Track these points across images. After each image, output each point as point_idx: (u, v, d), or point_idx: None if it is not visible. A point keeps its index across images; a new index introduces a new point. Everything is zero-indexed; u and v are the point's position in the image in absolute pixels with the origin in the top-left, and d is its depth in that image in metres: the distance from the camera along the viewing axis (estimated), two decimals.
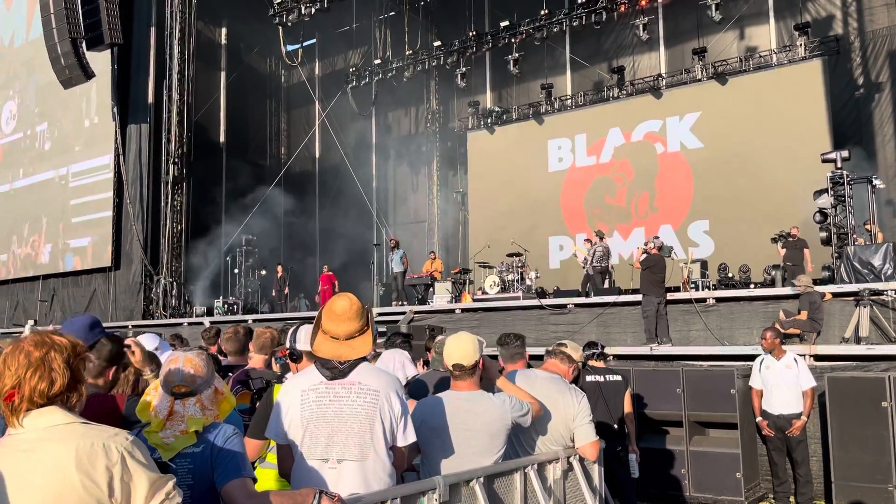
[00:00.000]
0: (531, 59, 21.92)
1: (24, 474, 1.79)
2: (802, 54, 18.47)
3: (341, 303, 3.06)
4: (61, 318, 21.26)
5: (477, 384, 3.56)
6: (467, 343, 3.52)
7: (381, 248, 21.77)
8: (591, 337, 9.47)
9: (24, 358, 1.88)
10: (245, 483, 2.38)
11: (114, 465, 1.80)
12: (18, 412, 1.87)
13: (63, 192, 23.19)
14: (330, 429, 2.90)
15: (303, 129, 27.14)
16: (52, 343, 1.92)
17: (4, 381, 1.88)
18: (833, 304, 10.80)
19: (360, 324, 3.04)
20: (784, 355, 7.59)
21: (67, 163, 23.24)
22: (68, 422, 1.87)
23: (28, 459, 1.80)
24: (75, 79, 18.49)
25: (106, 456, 1.80)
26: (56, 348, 1.92)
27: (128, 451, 1.84)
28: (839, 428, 7.16)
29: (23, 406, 1.86)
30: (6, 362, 1.89)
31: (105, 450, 1.81)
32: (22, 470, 1.79)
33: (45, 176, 24.12)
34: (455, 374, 3.52)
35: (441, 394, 3.56)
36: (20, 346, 1.91)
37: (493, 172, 23.08)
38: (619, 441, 6.00)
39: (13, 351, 1.91)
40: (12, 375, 1.87)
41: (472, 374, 3.52)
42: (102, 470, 1.79)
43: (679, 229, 19.71)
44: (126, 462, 1.82)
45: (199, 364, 2.56)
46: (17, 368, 1.87)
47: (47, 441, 1.82)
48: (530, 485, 3.64)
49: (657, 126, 20.61)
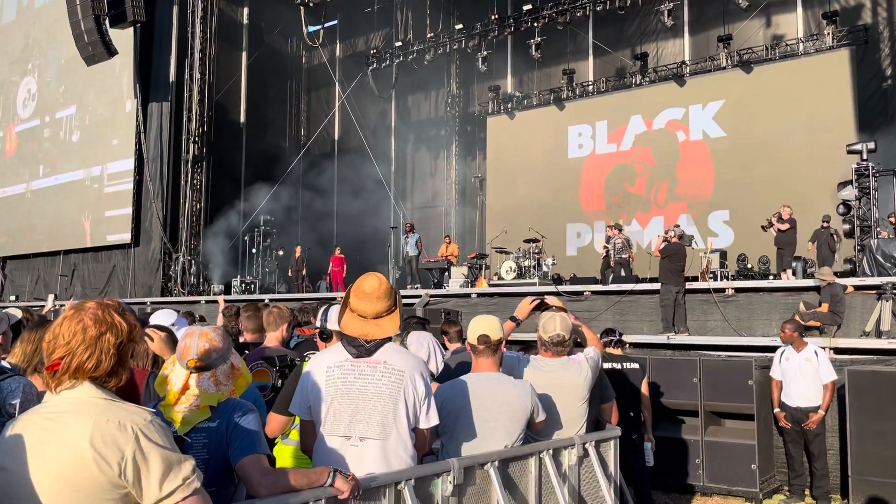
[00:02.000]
0: (553, 44, 21.70)
1: (42, 443, 1.79)
2: (830, 43, 18.15)
3: (370, 282, 3.06)
4: (81, 294, 21.53)
5: (498, 365, 3.56)
6: (493, 319, 3.57)
7: (398, 231, 21.76)
8: (607, 324, 9.42)
9: (81, 333, 1.86)
10: (259, 459, 2.38)
11: (126, 444, 1.77)
12: (59, 382, 1.86)
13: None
14: (353, 406, 2.90)
15: (322, 110, 27.12)
16: (112, 323, 1.90)
17: (54, 349, 1.86)
18: (855, 297, 10.66)
19: (388, 303, 3.04)
20: (804, 347, 7.50)
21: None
22: (93, 396, 1.85)
23: (47, 428, 1.80)
24: (98, 56, 18.58)
25: (121, 434, 1.78)
26: (113, 330, 1.89)
27: (143, 430, 1.80)
28: (858, 422, 7.08)
29: (64, 378, 1.85)
30: (61, 330, 1.87)
31: (120, 427, 1.78)
32: (41, 438, 1.80)
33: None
34: (479, 350, 3.52)
35: (463, 376, 3.55)
36: (80, 318, 1.88)
37: (512, 158, 22.96)
38: (635, 429, 5.97)
39: (71, 320, 1.88)
40: (64, 346, 1.85)
41: (494, 351, 3.53)
42: (115, 448, 1.76)
43: (699, 219, 19.52)
44: (140, 441, 1.78)
45: (215, 338, 2.56)
46: (70, 340, 1.85)
47: (68, 413, 1.82)
48: (545, 469, 3.63)
49: (679, 114, 20.38)
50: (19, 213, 25.03)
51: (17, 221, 25.02)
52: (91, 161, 22.61)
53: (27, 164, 25.14)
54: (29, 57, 25.36)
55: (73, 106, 23.53)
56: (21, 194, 25.03)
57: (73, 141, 23.58)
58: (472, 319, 3.63)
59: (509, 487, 3.41)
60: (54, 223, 23.53)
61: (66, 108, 23.81)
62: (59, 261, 23.31)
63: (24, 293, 24.05)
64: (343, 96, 25.02)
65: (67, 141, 23.72)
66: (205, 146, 20.96)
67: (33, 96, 25.27)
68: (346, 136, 26.90)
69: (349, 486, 2.48)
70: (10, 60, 26.38)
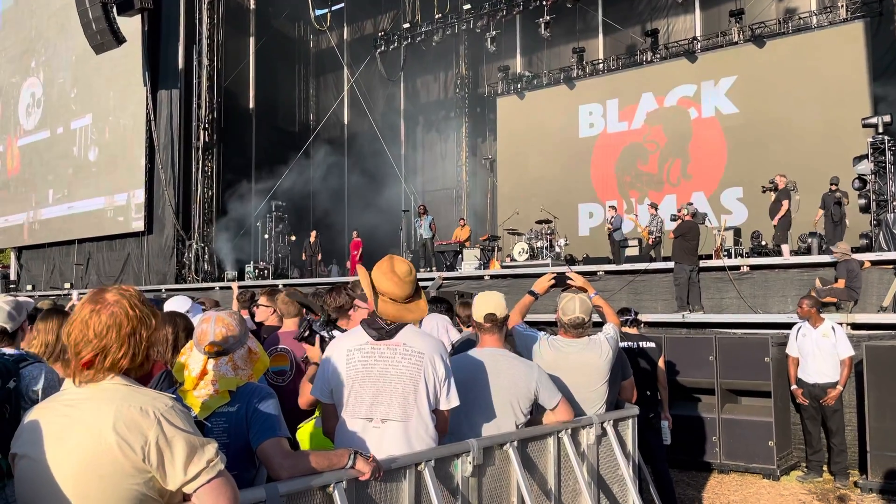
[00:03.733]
0: (563, 23, 21.49)
1: (64, 430, 1.79)
2: (844, 16, 17.88)
3: (401, 266, 3.07)
4: (97, 282, 21.69)
5: (503, 341, 3.56)
6: (498, 296, 3.56)
7: (409, 215, 21.75)
8: (622, 304, 9.39)
9: (116, 329, 1.84)
10: (280, 442, 2.39)
11: (149, 428, 1.77)
12: (92, 378, 1.84)
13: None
14: (375, 389, 2.91)
15: (331, 94, 27.06)
16: (142, 317, 1.89)
17: (84, 346, 1.83)
18: (871, 272, 10.57)
19: (415, 287, 3.07)
20: (822, 323, 7.46)
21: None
22: (114, 383, 1.85)
23: (69, 415, 1.80)
24: (107, 44, 18.60)
25: (143, 419, 1.78)
26: (145, 324, 1.89)
27: (165, 415, 1.80)
28: (876, 397, 7.03)
29: (100, 375, 1.83)
30: (91, 324, 1.84)
31: (142, 413, 1.78)
32: (63, 425, 1.80)
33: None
34: (485, 327, 3.52)
35: (471, 351, 3.56)
36: (110, 311, 1.85)
37: (523, 138, 22.84)
38: (652, 408, 5.97)
39: (101, 313, 1.85)
40: (98, 343, 1.82)
41: (500, 328, 3.54)
42: (137, 433, 1.76)
43: (712, 196, 19.39)
44: (162, 426, 1.78)
45: (232, 323, 2.56)
46: (105, 335, 1.83)
47: (90, 400, 1.82)
48: (564, 449, 3.63)
49: (691, 91, 20.17)
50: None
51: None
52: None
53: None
54: (32, 52, 23.32)
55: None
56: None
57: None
58: (477, 296, 3.61)
59: (528, 467, 3.42)
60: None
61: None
62: (74, 250, 23.49)
63: (41, 283, 24.28)
64: (352, 80, 24.93)
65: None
66: (215, 133, 20.99)
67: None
68: (355, 120, 26.86)
69: (370, 467, 2.49)
70: (6, 58, 24.00)
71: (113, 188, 21.44)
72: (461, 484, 3.06)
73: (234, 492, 1.90)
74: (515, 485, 3.30)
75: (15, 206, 24.33)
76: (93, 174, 22.01)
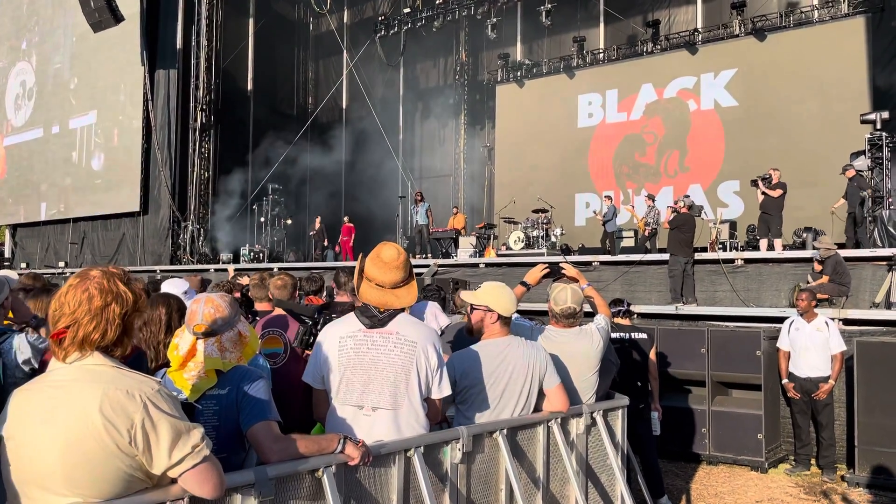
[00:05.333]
0: (564, 11, 21.38)
1: (51, 411, 1.79)
2: (845, 11, 17.82)
3: (389, 252, 3.05)
4: (91, 261, 21.66)
5: (508, 330, 3.58)
6: (508, 293, 3.57)
7: (406, 201, 21.72)
8: (615, 295, 9.42)
9: (87, 303, 1.85)
10: (270, 426, 2.40)
11: (135, 411, 1.77)
12: (66, 352, 1.85)
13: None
14: (366, 376, 2.92)
15: (330, 78, 26.94)
16: (117, 293, 1.89)
17: (59, 318, 1.85)
18: (865, 268, 10.59)
19: (405, 274, 3.05)
20: (815, 318, 7.50)
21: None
22: (100, 364, 1.85)
23: (56, 396, 1.80)
24: (105, 22, 18.43)
25: (129, 402, 1.78)
26: (119, 300, 1.88)
27: (151, 398, 1.80)
28: (866, 393, 7.08)
29: (71, 348, 1.85)
30: (66, 298, 1.86)
31: (129, 396, 1.79)
32: (50, 406, 1.79)
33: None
34: (507, 320, 3.54)
35: (481, 344, 3.55)
36: (85, 286, 1.87)
37: (522, 127, 22.77)
38: (642, 398, 6.00)
39: (76, 288, 1.87)
40: (70, 315, 1.85)
41: (507, 322, 3.56)
42: (124, 416, 1.77)
43: (709, 189, 19.39)
44: (148, 409, 1.79)
45: (221, 305, 2.56)
46: (76, 310, 1.85)
47: (78, 381, 1.81)
48: (553, 438, 3.65)
49: (691, 83, 20.13)
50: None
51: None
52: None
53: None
54: (23, 31, 20.70)
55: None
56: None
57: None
58: (487, 286, 3.60)
59: (518, 455, 3.44)
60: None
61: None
62: (69, 228, 23.41)
63: (35, 261, 24.22)
64: (351, 64, 24.80)
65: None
66: (212, 114, 20.89)
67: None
68: (353, 105, 26.74)
69: (359, 452, 2.50)
70: None
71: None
72: (450, 470, 3.07)
73: (219, 477, 1.91)
74: (504, 472, 3.32)
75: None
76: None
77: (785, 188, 12.77)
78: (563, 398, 3.61)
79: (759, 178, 13.10)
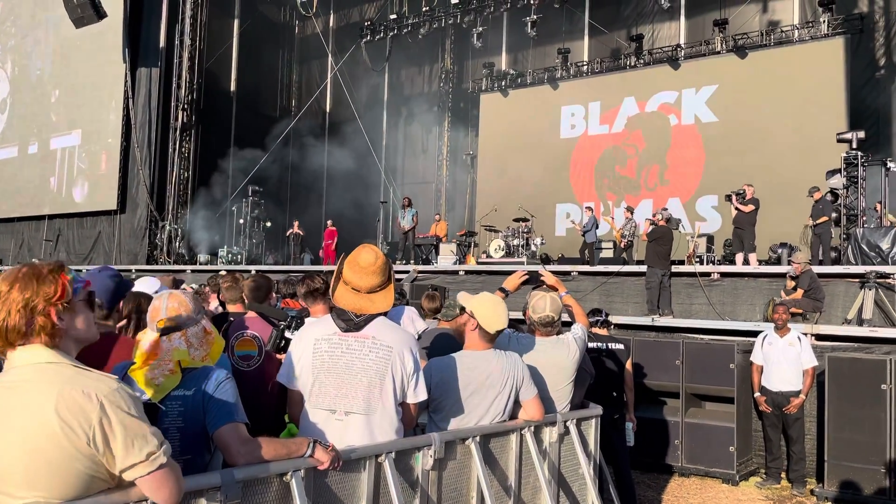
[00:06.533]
0: (549, 23, 21.52)
1: (6, 413, 1.73)
2: (825, 31, 18.11)
3: (367, 256, 2.99)
4: (66, 259, 21.36)
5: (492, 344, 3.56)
6: (501, 307, 3.53)
7: (388, 206, 21.69)
8: (593, 305, 9.45)
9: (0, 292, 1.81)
10: (237, 428, 2.35)
11: (92, 411, 1.73)
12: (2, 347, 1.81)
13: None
14: (339, 381, 2.88)
15: (314, 81, 26.87)
16: (27, 281, 1.82)
17: None
18: (838, 284, 10.74)
19: (383, 278, 3.00)
20: (788, 333, 7.58)
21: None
22: (56, 362, 1.79)
23: (10, 397, 1.74)
24: (87, 18, 18.27)
25: (86, 402, 1.73)
26: (23, 286, 1.81)
27: (108, 398, 1.75)
28: (836, 408, 7.16)
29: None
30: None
31: (85, 396, 1.73)
32: (4, 408, 1.74)
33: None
34: (491, 337, 3.50)
35: (461, 353, 3.53)
36: (4, 276, 1.85)
37: (505, 136, 22.85)
38: (617, 409, 6.02)
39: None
40: None
41: (493, 339, 3.53)
42: (81, 417, 1.72)
43: (687, 203, 19.56)
44: (105, 409, 1.74)
45: (185, 299, 2.53)
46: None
47: (32, 381, 1.76)
48: (526, 446, 3.64)
49: (672, 97, 20.33)
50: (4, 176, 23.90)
51: (1, 184, 23.70)
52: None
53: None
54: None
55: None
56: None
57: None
58: (483, 295, 3.57)
59: (490, 463, 3.43)
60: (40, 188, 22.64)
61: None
62: (45, 225, 23.10)
63: (9, 257, 23.85)
64: (335, 68, 24.76)
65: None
66: (194, 114, 20.75)
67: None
68: (337, 109, 26.68)
69: (329, 456, 2.47)
70: None
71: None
72: (421, 477, 3.05)
73: (176, 484, 1.87)
74: (476, 480, 3.30)
75: None
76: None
77: (758, 204, 12.92)
78: (538, 409, 3.61)
79: (734, 193, 13.26)
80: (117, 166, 20.82)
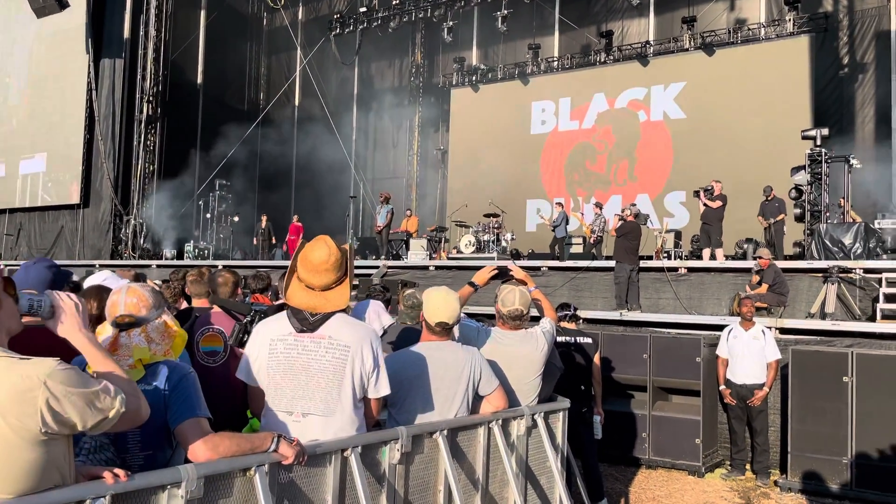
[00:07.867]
0: (520, 18, 21.56)
1: None
2: (791, 30, 18.41)
3: (318, 253, 2.87)
4: (27, 254, 20.90)
5: (451, 336, 3.53)
6: (454, 302, 3.47)
7: (357, 201, 21.56)
8: (563, 299, 9.50)
9: None
10: (199, 423, 2.31)
11: (38, 396, 1.68)
12: None
13: None
14: (295, 382, 2.82)
15: (283, 74, 26.59)
16: None
17: None
18: (801, 279, 10.93)
19: (338, 274, 2.90)
20: (752, 326, 7.69)
21: None
22: None
23: None
24: (49, 8, 17.85)
25: (27, 388, 1.68)
26: None
27: (49, 376, 1.70)
28: (799, 400, 7.28)
29: None
30: None
31: (26, 379, 1.69)
32: None
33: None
34: (436, 331, 3.47)
35: (415, 346, 3.50)
36: None
37: (475, 131, 22.88)
38: (585, 402, 6.05)
39: None
40: None
41: (449, 331, 3.49)
42: (26, 403, 1.67)
43: (656, 199, 19.77)
44: (49, 387, 1.69)
45: (144, 294, 2.47)
46: None
47: None
48: (493, 439, 3.64)
49: (641, 94, 20.51)
50: None
51: None
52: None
53: None
54: None
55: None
56: None
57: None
58: (430, 293, 3.52)
59: (457, 456, 3.41)
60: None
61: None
62: (5, 220, 22.56)
63: None
64: (304, 61, 24.54)
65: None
66: (159, 106, 20.41)
67: None
68: (306, 103, 26.46)
69: (293, 451, 2.44)
70: None
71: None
72: (388, 471, 3.02)
73: (144, 407, 2.02)
74: (443, 474, 3.28)
75: None
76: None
77: (725, 200, 13.12)
78: (503, 400, 3.60)
79: (702, 189, 13.45)
80: (80, 159, 20.39)
